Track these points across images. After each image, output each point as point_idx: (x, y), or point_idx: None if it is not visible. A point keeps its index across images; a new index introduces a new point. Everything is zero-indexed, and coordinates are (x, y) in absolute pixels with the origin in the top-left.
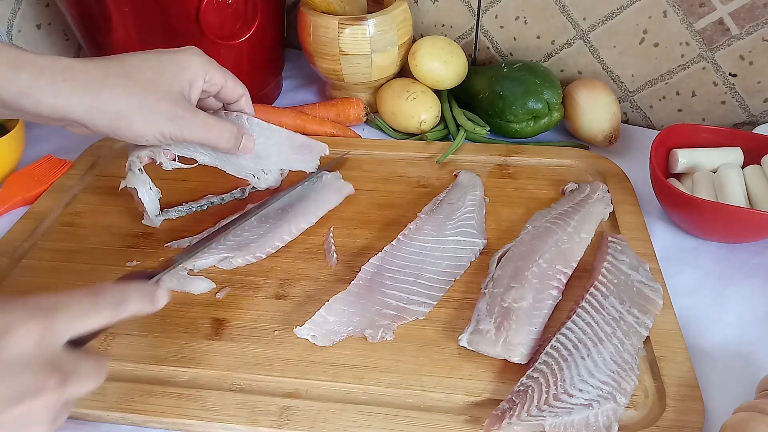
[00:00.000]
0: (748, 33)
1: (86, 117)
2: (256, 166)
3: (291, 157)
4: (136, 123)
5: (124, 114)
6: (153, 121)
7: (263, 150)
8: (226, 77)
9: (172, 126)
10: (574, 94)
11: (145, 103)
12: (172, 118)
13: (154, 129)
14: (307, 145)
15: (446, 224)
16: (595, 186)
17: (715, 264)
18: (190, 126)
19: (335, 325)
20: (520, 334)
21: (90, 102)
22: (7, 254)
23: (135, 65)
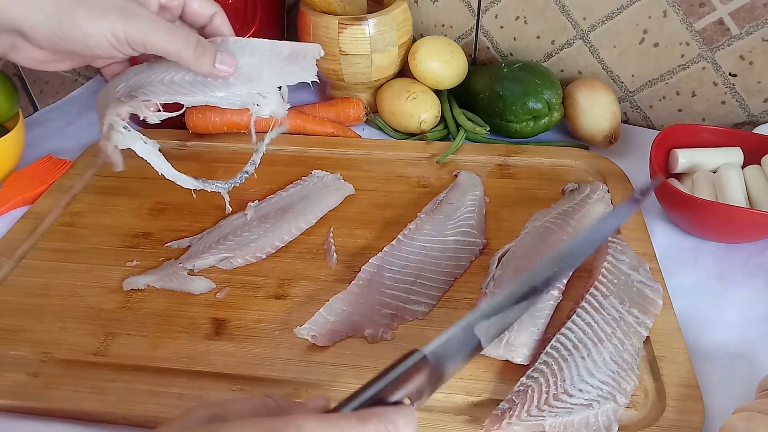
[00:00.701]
0: (748, 33)
1: (22, 14)
2: (251, 91)
3: (285, 69)
4: (80, 19)
5: (66, 8)
6: (101, 18)
7: (252, 69)
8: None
9: (127, 23)
10: (574, 94)
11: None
12: (125, 12)
13: (105, 27)
14: (297, 50)
15: (446, 224)
16: (595, 186)
17: (715, 264)
18: (149, 25)
19: (335, 325)
20: (523, 335)
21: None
22: (7, 254)
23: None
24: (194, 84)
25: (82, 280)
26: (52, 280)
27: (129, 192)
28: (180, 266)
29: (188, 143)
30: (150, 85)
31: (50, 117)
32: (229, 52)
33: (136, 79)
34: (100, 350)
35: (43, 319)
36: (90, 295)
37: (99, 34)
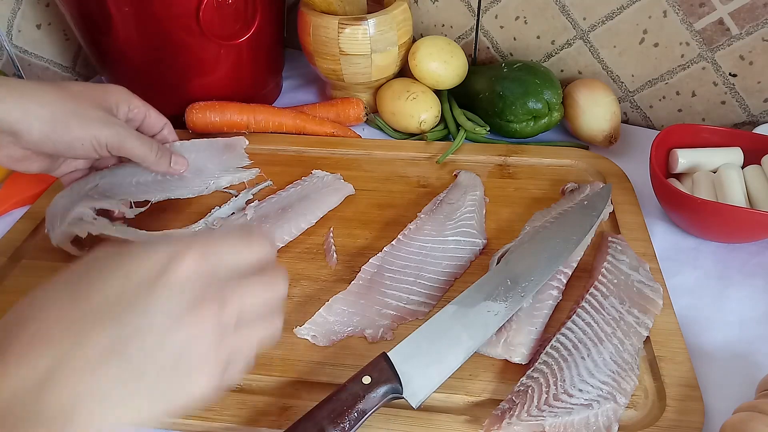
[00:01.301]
0: (748, 33)
1: (22, 120)
2: (205, 180)
3: (222, 159)
4: (73, 126)
5: (60, 118)
6: (89, 125)
7: (200, 162)
8: (148, 108)
9: (109, 131)
10: (574, 94)
11: (80, 110)
12: (107, 123)
13: (90, 133)
14: (228, 143)
15: (446, 224)
16: (595, 186)
17: (715, 264)
18: (126, 135)
19: (335, 325)
20: (521, 334)
21: (27, 105)
22: (7, 254)
23: (65, 84)
24: (157, 183)
25: None
26: None
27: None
28: None
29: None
30: (122, 187)
31: None
32: (179, 153)
33: (106, 182)
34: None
35: None
36: None
37: (86, 138)
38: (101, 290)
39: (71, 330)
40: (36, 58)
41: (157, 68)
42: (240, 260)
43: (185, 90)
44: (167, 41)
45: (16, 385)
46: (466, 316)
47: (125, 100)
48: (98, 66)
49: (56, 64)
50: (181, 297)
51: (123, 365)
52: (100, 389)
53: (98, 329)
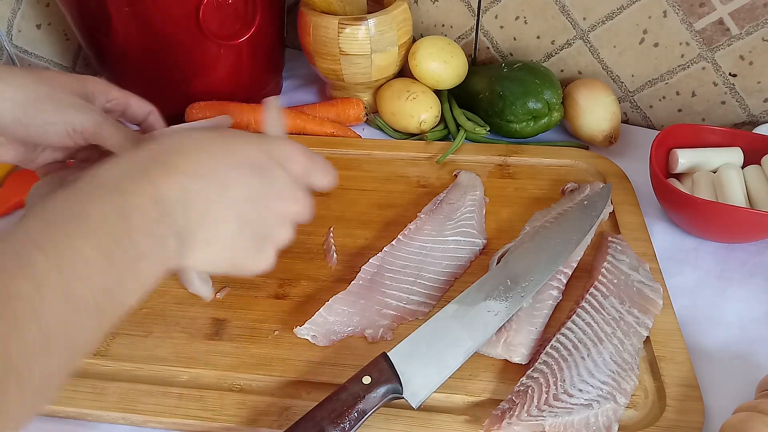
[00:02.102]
0: (748, 33)
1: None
2: None
3: None
4: (46, 110)
5: (33, 101)
6: (64, 110)
7: None
8: (128, 96)
9: (83, 117)
10: (574, 94)
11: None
12: (82, 109)
13: (64, 119)
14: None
15: (446, 224)
16: (595, 186)
17: (715, 264)
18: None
19: (335, 325)
20: (521, 334)
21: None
22: None
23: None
24: None
25: None
26: None
27: None
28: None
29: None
30: None
31: None
32: None
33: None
34: (100, 350)
35: None
36: None
37: (60, 123)
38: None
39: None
40: (36, 58)
41: (157, 68)
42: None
43: (185, 90)
44: (167, 41)
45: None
46: (466, 316)
47: (103, 90)
48: (98, 66)
49: (56, 64)
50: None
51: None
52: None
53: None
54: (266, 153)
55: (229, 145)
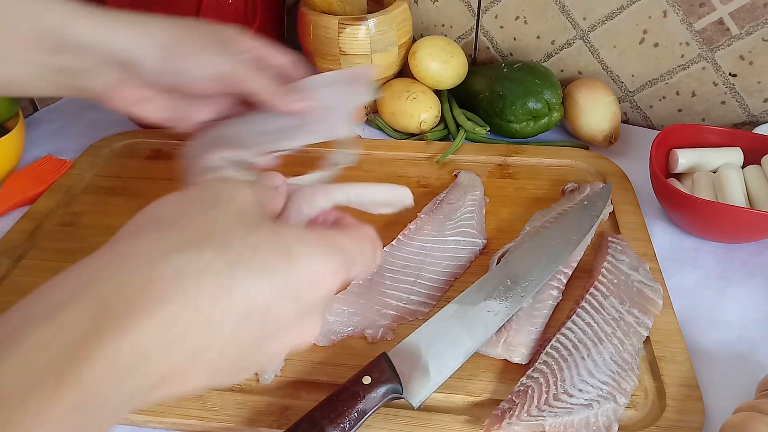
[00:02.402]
0: (748, 33)
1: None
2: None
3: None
4: (192, 50)
5: (174, 44)
6: (205, 53)
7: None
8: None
9: (224, 59)
10: (574, 94)
11: (195, 38)
12: (221, 53)
13: (209, 59)
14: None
15: (446, 224)
16: (595, 186)
17: (715, 264)
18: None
19: (335, 325)
20: (521, 334)
21: (145, 28)
22: (7, 254)
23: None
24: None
25: None
26: None
27: (129, 192)
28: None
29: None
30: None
31: (50, 117)
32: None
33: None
34: None
35: None
36: None
37: (200, 67)
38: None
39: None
40: None
41: None
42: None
43: None
44: None
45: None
46: (466, 316)
47: (238, 39)
48: None
49: None
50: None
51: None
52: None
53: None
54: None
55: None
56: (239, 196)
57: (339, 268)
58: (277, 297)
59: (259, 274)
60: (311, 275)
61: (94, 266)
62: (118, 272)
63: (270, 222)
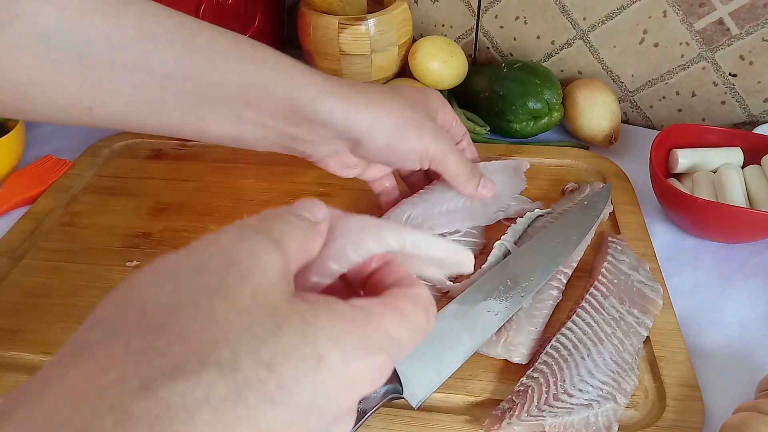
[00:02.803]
0: (748, 33)
1: (369, 128)
2: (499, 207)
3: (512, 183)
4: (410, 137)
5: (402, 126)
6: (423, 136)
7: (500, 186)
8: (455, 119)
9: (436, 144)
10: (574, 94)
11: (416, 119)
12: (436, 135)
13: (422, 145)
14: (516, 167)
15: None
16: (595, 186)
17: (715, 264)
18: (449, 149)
19: None
20: (521, 334)
21: (375, 113)
22: (7, 254)
23: (398, 87)
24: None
25: (82, 280)
26: (52, 280)
27: (129, 192)
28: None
29: (188, 143)
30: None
31: None
32: (486, 176)
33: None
34: None
35: (44, 319)
36: (90, 295)
37: (416, 151)
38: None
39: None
40: None
41: None
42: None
43: None
44: None
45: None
46: (466, 316)
47: (440, 108)
48: None
49: None
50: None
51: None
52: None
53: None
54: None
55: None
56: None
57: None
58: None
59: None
60: (346, 381)
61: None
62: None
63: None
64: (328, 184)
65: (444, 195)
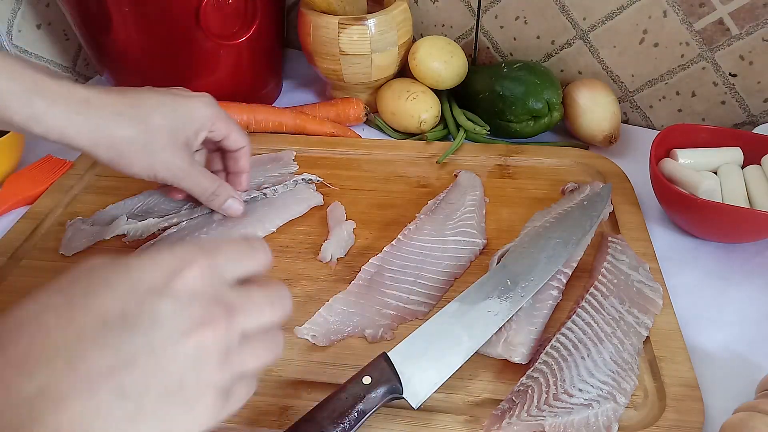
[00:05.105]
0: (748, 33)
1: (91, 148)
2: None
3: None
4: (136, 164)
5: (127, 154)
6: (152, 165)
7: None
8: (231, 129)
9: (167, 173)
10: (574, 94)
11: (150, 149)
12: (170, 167)
13: (150, 172)
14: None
15: (446, 224)
16: (595, 186)
17: (715, 264)
18: (183, 177)
19: (335, 325)
20: (521, 334)
21: (99, 136)
22: (7, 254)
23: (150, 108)
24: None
25: None
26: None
27: (129, 192)
28: None
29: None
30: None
31: None
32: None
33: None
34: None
35: None
36: None
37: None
38: (101, 303)
39: (66, 347)
40: (36, 58)
41: (157, 68)
42: (244, 271)
43: None
44: (167, 41)
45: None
46: (466, 316)
47: (208, 126)
48: (98, 66)
49: (56, 64)
50: (187, 311)
51: (120, 390)
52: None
53: (96, 347)
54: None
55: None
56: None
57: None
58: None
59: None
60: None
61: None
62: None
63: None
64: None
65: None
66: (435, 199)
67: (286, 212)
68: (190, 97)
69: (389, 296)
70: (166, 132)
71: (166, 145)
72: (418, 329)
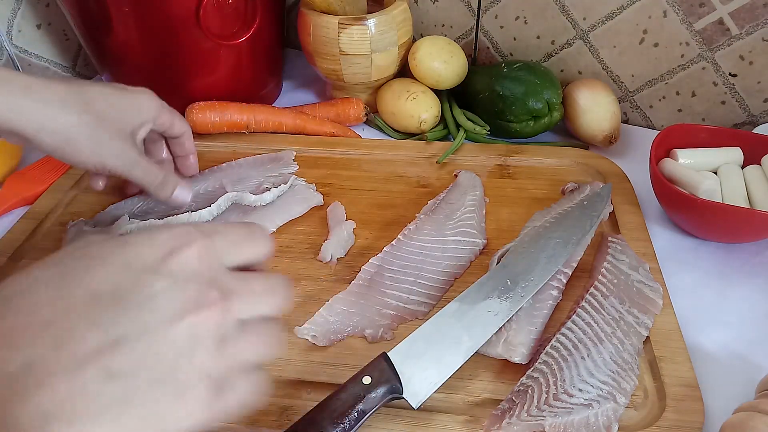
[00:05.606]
0: (748, 33)
1: (35, 135)
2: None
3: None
4: (83, 151)
5: (74, 140)
6: (100, 154)
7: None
8: (174, 119)
9: (116, 161)
10: (574, 94)
11: (97, 136)
12: (118, 155)
13: (98, 160)
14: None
15: (446, 224)
16: (595, 186)
17: (715, 264)
18: (131, 166)
19: (335, 325)
20: (521, 334)
21: (43, 122)
22: (7, 254)
23: (95, 97)
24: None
25: None
26: None
27: (129, 192)
28: None
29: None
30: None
31: None
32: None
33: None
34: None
35: None
36: None
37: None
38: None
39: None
40: (36, 58)
41: (157, 68)
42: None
43: (185, 90)
44: (167, 41)
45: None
46: (466, 316)
47: (153, 118)
48: (98, 66)
49: (56, 64)
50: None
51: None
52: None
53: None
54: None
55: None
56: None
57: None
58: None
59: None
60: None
61: None
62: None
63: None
64: (329, 184)
65: None
66: (435, 199)
67: (286, 212)
68: (134, 90)
69: (389, 296)
70: (113, 122)
71: (114, 135)
72: (418, 329)
